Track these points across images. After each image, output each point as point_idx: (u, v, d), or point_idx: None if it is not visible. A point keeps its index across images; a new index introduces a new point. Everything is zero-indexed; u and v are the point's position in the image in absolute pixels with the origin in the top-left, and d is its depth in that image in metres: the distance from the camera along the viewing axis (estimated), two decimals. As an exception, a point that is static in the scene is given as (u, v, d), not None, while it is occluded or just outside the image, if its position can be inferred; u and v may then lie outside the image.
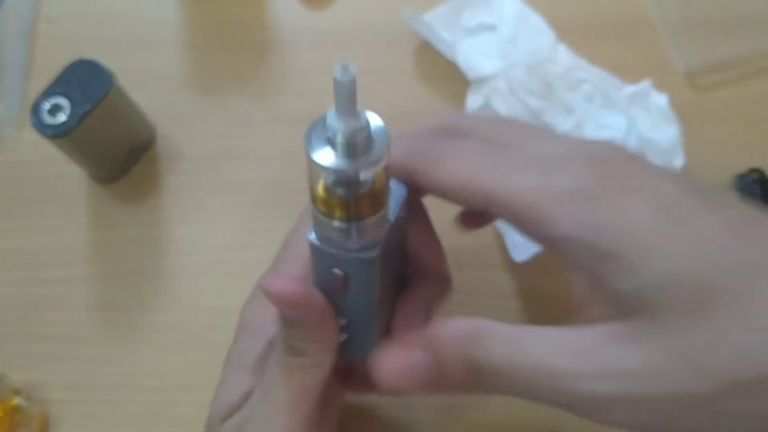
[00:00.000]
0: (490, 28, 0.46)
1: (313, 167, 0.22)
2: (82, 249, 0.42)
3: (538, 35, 0.45)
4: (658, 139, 0.41)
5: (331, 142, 0.22)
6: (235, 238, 0.42)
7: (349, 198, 0.23)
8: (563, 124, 0.43)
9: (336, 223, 0.23)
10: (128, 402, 0.39)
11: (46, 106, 0.37)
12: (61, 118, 0.37)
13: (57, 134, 0.37)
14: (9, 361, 0.39)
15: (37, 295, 0.41)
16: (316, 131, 0.22)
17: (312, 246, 0.25)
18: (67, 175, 0.43)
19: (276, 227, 0.43)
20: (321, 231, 0.24)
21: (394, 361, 0.24)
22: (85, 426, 0.39)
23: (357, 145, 0.21)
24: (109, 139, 0.41)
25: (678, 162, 0.41)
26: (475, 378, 0.23)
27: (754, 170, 0.41)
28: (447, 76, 0.46)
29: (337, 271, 0.25)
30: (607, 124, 0.43)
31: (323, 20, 0.48)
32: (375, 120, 0.22)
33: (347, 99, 0.21)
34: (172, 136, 0.45)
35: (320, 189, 0.23)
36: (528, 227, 0.24)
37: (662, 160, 0.41)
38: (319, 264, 0.25)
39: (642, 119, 0.42)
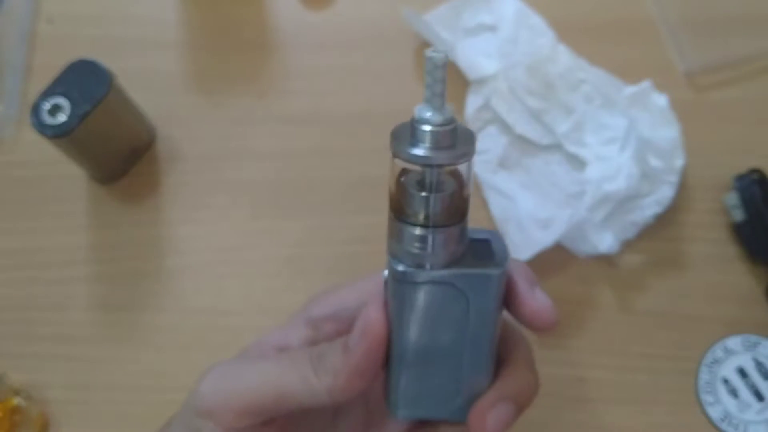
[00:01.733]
0: (490, 28, 0.46)
1: (408, 166, 0.21)
2: (82, 249, 0.42)
3: (538, 35, 0.45)
4: (658, 140, 0.41)
5: (419, 139, 0.21)
6: (235, 238, 0.42)
7: (437, 198, 0.21)
8: (563, 124, 0.43)
9: (421, 231, 0.22)
10: (128, 402, 0.39)
11: (46, 106, 0.37)
12: (61, 118, 0.37)
13: (57, 134, 0.37)
14: (9, 361, 0.39)
15: (37, 295, 0.41)
16: (400, 133, 0.21)
17: (405, 275, 0.22)
18: (67, 175, 0.43)
19: (276, 227, 0.44)
20: (403, 256, 0.22)
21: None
22: (85, 426, 0.39)
23: (449, 136, 0.21)
24: (109, 140, 0.41)
25: (678, 162, 0.41)
26: None
27: (754, 170, 0.41)
28: (447, 76, 0.45)
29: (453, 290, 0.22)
30: (606, 125, 0.43)
31: (323, 20, 0.48)
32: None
33: (439, 87, 0.21)
34: (172, 137, 0.45)
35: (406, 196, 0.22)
36: None
37: (662, 160, 0.41)
38: (414, 296, 0.23)
39: (642, 120, 0.42)
